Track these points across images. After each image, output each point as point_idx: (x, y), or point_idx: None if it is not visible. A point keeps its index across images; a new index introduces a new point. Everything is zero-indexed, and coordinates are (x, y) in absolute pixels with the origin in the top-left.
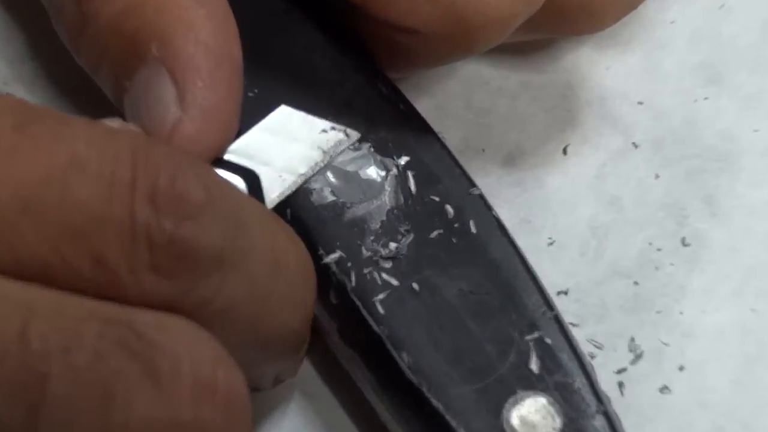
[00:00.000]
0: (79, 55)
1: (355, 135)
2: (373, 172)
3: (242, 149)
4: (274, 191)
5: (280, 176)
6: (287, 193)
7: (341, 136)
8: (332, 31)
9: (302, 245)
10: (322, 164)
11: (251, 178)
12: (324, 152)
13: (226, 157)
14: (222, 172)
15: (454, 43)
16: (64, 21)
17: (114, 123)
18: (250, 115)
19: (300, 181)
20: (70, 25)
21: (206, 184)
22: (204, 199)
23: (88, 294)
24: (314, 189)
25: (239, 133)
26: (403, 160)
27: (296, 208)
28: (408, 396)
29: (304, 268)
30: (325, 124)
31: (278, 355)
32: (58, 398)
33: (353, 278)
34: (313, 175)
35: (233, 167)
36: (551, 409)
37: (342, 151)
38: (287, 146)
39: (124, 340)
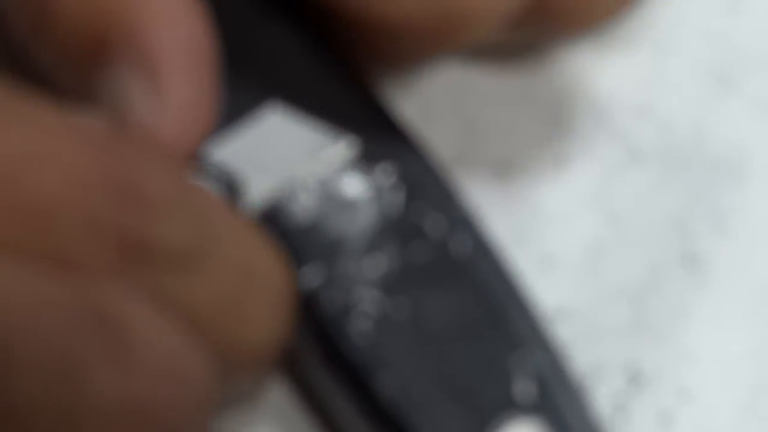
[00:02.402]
0: (36, 54)
1: (352, 150)
2: (356, 187)
3: (227, 153)
4: (256, 201)
5: (265, 186)
6: (271, 204)
7: (339, 150)
8: (311, 35)
9: (281, 260)
10: (314, 178)
11: (232, 184)
12: (318, 165)
13: (209, 159)
14: (200, 175)
15: (436, 38)
16: (17, 19)
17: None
18: (231, 118)
19: (287, 194)
20: (25, 24)
21: (172, 184)
22: (167, 195)
23: (56, 275)
24: (294, 204)
25: (224, 135)
26: (389, 176)
27: (275, 223)
28: (389, 423)
29: (280, 283)
30: (322, 134)
31: (242, 369)
32: (24, 370)
33: (333, 300)
34: (301, 190)
35: (214, 171)
36: None
37: (336, 167)
38: (277, 154)
39: (90, 313)
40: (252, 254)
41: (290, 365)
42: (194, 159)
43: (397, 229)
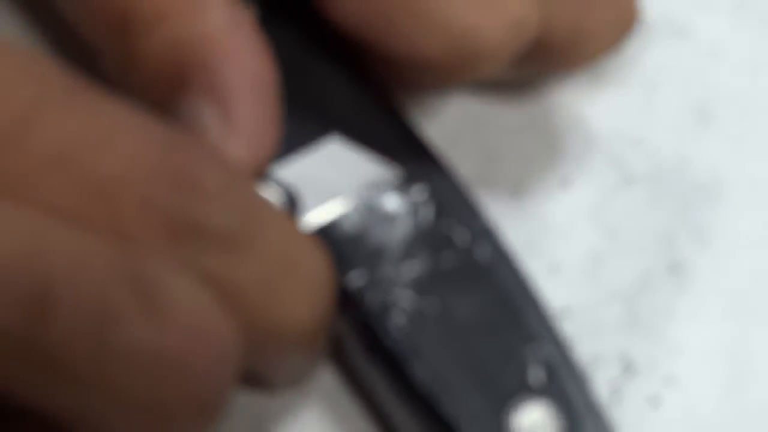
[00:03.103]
0: (124, 82)
1: (395, 177)
2: (395, 204)
3: (290, 173)
4: (312, 215)
5: (321, 202)
6: (327, 217)
7: (384, 176)
8: (349, 67)
9: (323, 257)
10: (361, 198)
11: (293, 199)
12: (366, 188)
13: (274, 177)
14: (266, 190)
15: (452, 71)
16: (108, 56)
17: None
18: (295, 147)
19: (339, 211)
20: (116, 60)
21: (222, 178)
22: (217, 187)
23: (106, 241)
24: (344, 218)
25: (289, 160)
26: (423, 194)
27: (328, 234)
28: (422, 404)
29: (320, 275)
30: (371, 162)
31: (286, 350)
32: (62, 316)
33: (375, 299)
34: (350, 206)
35: (278, 187)
36: (551, 416)
37: (381, 189)
38: (332, 177)
39: (129, 274)
40: (293, 246)
41: (338, 353)
42: (261, 177)
43: (428, 239)
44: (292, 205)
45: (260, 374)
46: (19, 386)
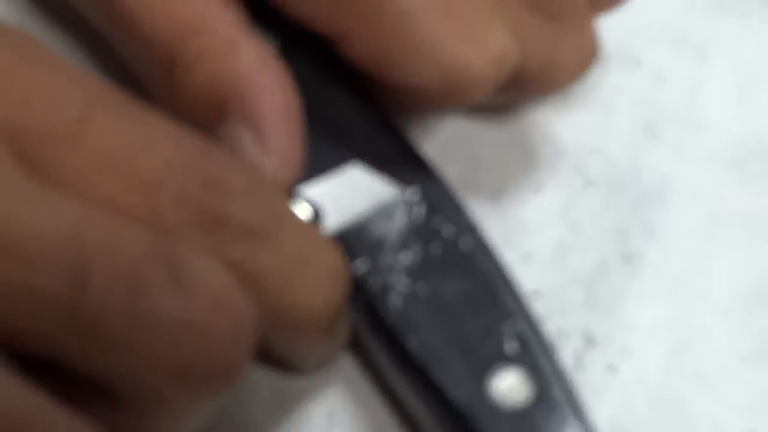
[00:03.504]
0: (172, 110)
1: (409, 196)
2: (393, 203)
3: (315, 191)
4: (332, 222)
5: (341, 214)
6: (345, 226)
7: (397, 194)
8: (358, 94)
9: (338, 255)
10: (374, 210)
11: (317, 212)
12: (378, 202)
13: (302, 194)
14: (294, 205)
15: (446, 98)
16: (158, 89)
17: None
18: (318, 170)
19: (354, 221)
20: (164, 91)
21: (247, 181)
22: (242, 189)
23: (144, 228)
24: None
25: (314, 181)
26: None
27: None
28: (416, 371)
29: (334, 270)
30: (385, 182)
31: (306, 334)
32: (97, 285)
33: (376, 283)
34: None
35: (305, 202)
36: (523, 381)
37: (394, 203)
38: (350, 195)
39: (159, 254)
40: (309, 243)
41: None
42: (291, 192)
43: (421, 233)
44: (317, 217)
45: (287, 359)
46: (65, 349)
